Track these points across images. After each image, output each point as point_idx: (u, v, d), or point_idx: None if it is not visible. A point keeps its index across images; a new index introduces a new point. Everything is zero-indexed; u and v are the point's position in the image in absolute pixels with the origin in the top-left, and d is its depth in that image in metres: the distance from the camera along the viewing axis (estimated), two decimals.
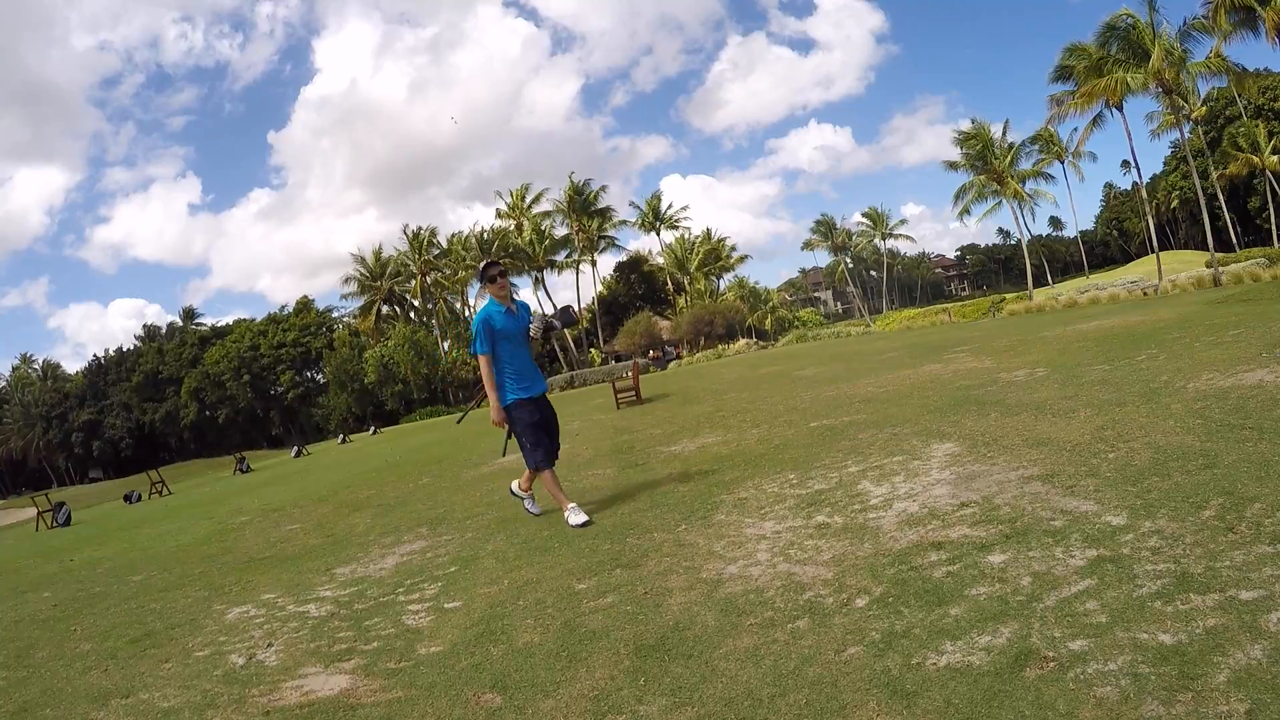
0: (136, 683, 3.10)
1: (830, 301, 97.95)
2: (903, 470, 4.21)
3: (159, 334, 64.79)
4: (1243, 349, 5.96)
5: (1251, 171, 46.01)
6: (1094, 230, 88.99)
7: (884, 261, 74.95)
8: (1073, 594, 2.21)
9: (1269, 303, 10.11)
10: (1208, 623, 1.89)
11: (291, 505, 8.52)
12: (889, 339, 23.12)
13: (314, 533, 6.21)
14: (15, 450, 65.68)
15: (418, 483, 8.27)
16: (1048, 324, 14.29)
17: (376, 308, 51.04)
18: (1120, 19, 26.46)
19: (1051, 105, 30.69)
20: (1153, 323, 9.83)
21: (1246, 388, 4.48)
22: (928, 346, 13.63)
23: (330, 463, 16.92)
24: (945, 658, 2.01)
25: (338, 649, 3.06)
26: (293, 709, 2.54)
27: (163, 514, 12.03)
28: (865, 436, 5.44)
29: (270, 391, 55.98)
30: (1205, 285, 23.23)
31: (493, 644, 2.77)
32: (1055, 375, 6.59)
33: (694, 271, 55.00)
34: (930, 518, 3.24)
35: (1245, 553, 2.23)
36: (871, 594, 2.53)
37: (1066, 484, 3.29)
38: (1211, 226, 29.70)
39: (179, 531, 8.34)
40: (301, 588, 4.26)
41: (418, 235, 49.45)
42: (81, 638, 4.03)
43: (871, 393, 7.98)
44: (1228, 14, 25.55)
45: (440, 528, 5.29)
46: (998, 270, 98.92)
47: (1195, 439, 3.59)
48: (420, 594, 3.67)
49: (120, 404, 61.21)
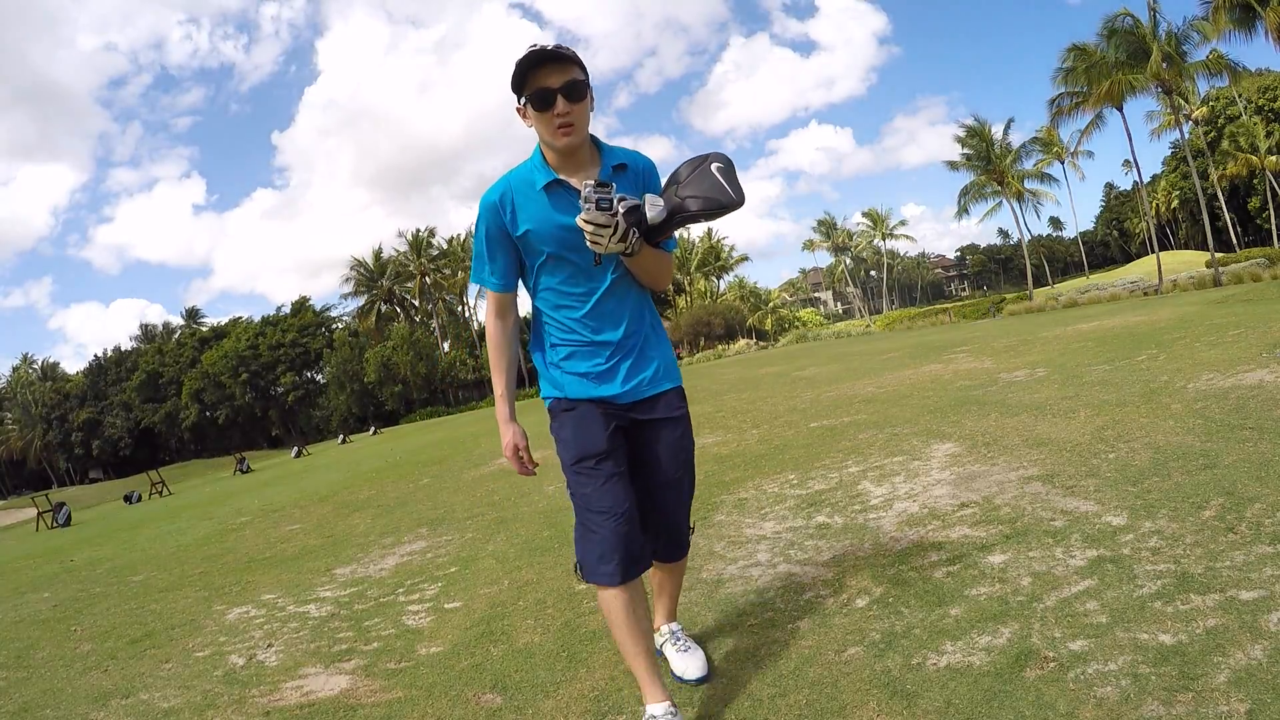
0: (136, 683, 3.10)
1: (830, 302, 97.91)
2: (903, 470, 4.21)
3: (156, 334, 64.79)
4: (1243, 349, 5.95)
5: (1251, 171, 46.00)
6: (1094, 230, 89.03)
7: (884, 262, 74.98)
8: (1073, 594, 2.21)
9: (1269, 303, 10.11)
10: (1208, 623, 1.89)
11: (292, 505, 8.52)
12: (889, 339, 23.12)
13: (314, 533, 6.21)
14: (15, 450, 65.70)
15: (418, 483, 8.27)
16: (1048, 324, 14.29)
17: (376, 308, 51.06)
18: (1120, 19, 26.48)
19: (1052, 108, 30.71)
20: (1153, 323, 9.83)
21: (1246, 388, 4.48)
22: (928, 347, 13.63)
23: (330, 463, 16.92)
24: (945, 658, 2.01)
25: (338, 649, 3.06)
26: (293, 709, 2.54)
27: (163, 514, 12.03)
28: (865, 437, 5.44)
29: (270, 392, 55.96)
30: (1205, 285, 23.26)
31: (493, 644, 2.77)
32: (1055, 375, 6.58)
33: (693, 271, 54.99)
34: (930, 518, 3.24)
35: (1245, 553, 2.23)
36: (871, 594, 2.53)
37: (1066, 484, 3.29)
38: (1211, 226, 29.72)
39: (179, 532, 8.34)
40: (301, 588, 4.26)
41: (417, 236, 49.45)
42: (81, 638, 4.03)
43: (872, 393, 7.98)
44: (1228, 13, 25.55)
45: (440, 528, 5.28)
46: (998, 270, 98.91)
47: (1195, 439, 3.58)
48: (420, 594, 3.67)
49: (120, 404, 61.20)
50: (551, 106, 1.76)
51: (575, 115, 1.78)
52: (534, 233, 1.86)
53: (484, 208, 1.89)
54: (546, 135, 1.80)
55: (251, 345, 55.23)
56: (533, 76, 1.75)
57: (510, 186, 1.88)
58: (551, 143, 1.80)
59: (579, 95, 1.78)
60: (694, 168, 1.84)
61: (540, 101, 1.76)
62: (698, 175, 1.81)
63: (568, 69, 1.76)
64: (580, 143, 1.82)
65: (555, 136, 1.78)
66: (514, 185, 1.88)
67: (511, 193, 1.87)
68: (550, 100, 1.75)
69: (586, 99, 1.80)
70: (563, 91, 1.75)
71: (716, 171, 1.80)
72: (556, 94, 1.75)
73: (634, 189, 1.90)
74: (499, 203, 1.87)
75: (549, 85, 1.74)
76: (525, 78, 1.76)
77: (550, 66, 1.75)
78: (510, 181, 1.89)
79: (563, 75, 1.75)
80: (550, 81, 1.74)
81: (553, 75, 1.74)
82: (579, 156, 1.86)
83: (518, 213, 1.86)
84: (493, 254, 1.91)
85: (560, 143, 1.79)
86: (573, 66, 1.76)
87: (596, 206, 1.69)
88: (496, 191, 1.88)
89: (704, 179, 1.80)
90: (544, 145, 1.85)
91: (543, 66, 1.75)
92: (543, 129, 1.80)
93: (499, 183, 1.90)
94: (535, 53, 1.72)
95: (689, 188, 1.81)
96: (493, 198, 1.88)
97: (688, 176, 1.83)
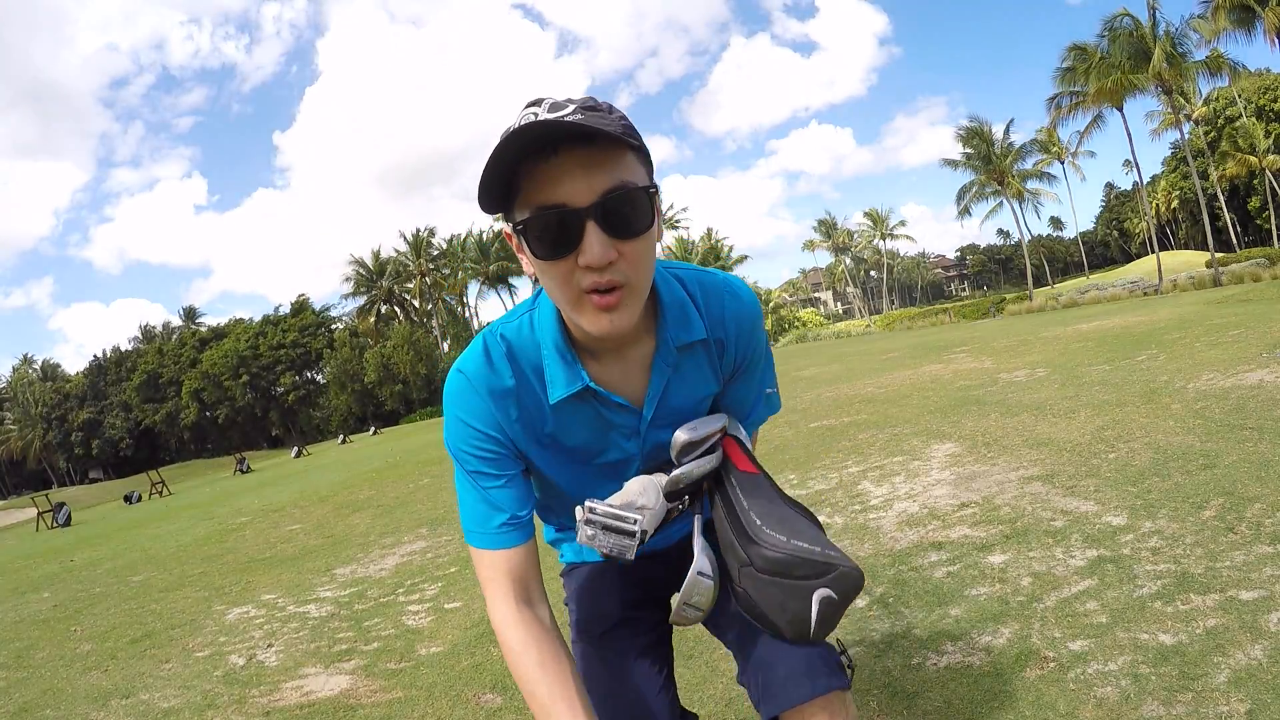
0: (136, 683, 3.10)
1: (830, 302, 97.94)
2: (903, 470, 4.21)
3: (155, 334, 64.84)
4: (1243, 349, 5.96)
5: (1251, 171, 46.00)
6: (1094, 230, 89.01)
7: (884, 262, 75.02)
8: (1073, 594, 2.21)
9: (1269, 303, 10.11)
10: (1208, 623, 1.89)
11: (292, 506, 8.52)
12: (889, 339, 23.13)
13: (314, 533, 6.21)
14: (15, 450, 65.72)
15: (418, 483, 8.27)
16: (1048, 324, 14.30)
17: (376, 308, 51.10)
18: (1120, 19, 26.50)
19: (1051, 108, 30.72)
20: (1153, 323, 9.83)
21: (1246, 388, 4.48)
22: (928, 347, 13.63)
23: (330, 463, 16.92)
24: (945, 658, 2.01)
25: (338, 649, 3.06)
26: (293, 709, 2.54)
27: (163, 514, 12.03)
28: (865, 437, 5.44)
29: (270, 392, 55.98)
30: (1205, 285, 23.26)
31: (493, 644, 2.77)
32: (1055, 375, 6.59)
33: None
34: (930, 518, 3.24)
35: (1245, 553, 2.23)
36: (871, 594, 2.53)
37: (1067, 484, 3.29)
38: (1211, 226, 29.74)
39: (179, 532, 8.34)
40: (301, 588, 4.26)
41: (417, 235, 49.49)
42: (81, 638, 4.03)
43: (872, 393, 7.99)
44: (1227, 14, 25.58)
45: (440, 528, 5.28)
46: (998, 270, 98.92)
47: (1195, 439, 3.58)
48: (420, 594, 3.67)
49: (120, 404, 61.23)
50: (573, 249, 0.81)
51: (628, 268, 0.83)
52: (540, 469, 1.04)
53: (458, 420, 0.97)
54: (567, 307, 0.87)
55: (252, 345, 55.27)
56: (532, 177, 0.80)
57: (504, 391, 0.96)
58: (576, 320, 0.88)
59: (635, 221, 0.82)
60: (790, 565, 0.93)
61: (549, 237, 0.81)
62: (790, 593, 0.94)
63: (609, 160, 0.80)
64: (634, 323, 0.88)
65: (585, 315, 0.85)
66: (509, 388, 0.96)
67: (508, 403, 0.97)
68: (571, 235, 0.80)
69: (652, 228, 0.84)
70: (600, 216, 0.80)
71: (818, 602, 0.94)
72: (585, 221, 0.79)
73: (703, 374, 1.03)
74: (483, 422, 0.96)
75: (567, 203, 0.79)
76: (516, 176, 0.81)
77: (572, 156, 0.79)
78: (500, 378, 0.96)
79: (600, 175, 0.80)
80: (570, 193, 0.79)
81: (576, 176, 0.79)
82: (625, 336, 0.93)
83: (517, 440, 0.99)
84: (491, 493, 0.98)
85: (598, 327, 0.85)
86: (621, 154, 0.82)
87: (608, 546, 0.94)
88: (479, 398, 0.96)
89: (792, 597, 0.94)
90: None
91: (555, 155, 0.79)
92: (558, 291, 0.86)
93: (479, 376, 0.96)
94: (536, 125, 0.76)
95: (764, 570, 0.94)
96: (472, 408, 0.96)
97: (773, 570, 0.94)
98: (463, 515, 1.01)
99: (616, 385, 0.98)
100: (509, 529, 0.98)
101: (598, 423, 1.00)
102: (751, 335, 1.05)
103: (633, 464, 1.05)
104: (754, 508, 0.98)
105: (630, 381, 0.99)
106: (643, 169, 0.85)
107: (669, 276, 0.98)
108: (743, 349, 1.04)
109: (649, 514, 0.96)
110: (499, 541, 0.97)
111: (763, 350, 1.09)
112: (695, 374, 1.02)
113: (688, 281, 0.99)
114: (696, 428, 1.01)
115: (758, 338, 1.06)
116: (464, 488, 1.00)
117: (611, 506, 0.94)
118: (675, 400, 1.01)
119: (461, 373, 0.97)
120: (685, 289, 0.99)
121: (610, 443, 1.02)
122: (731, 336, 1.02)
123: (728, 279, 1.03)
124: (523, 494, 1.00)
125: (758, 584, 0.96)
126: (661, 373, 0.98)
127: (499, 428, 0.97)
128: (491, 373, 0.96)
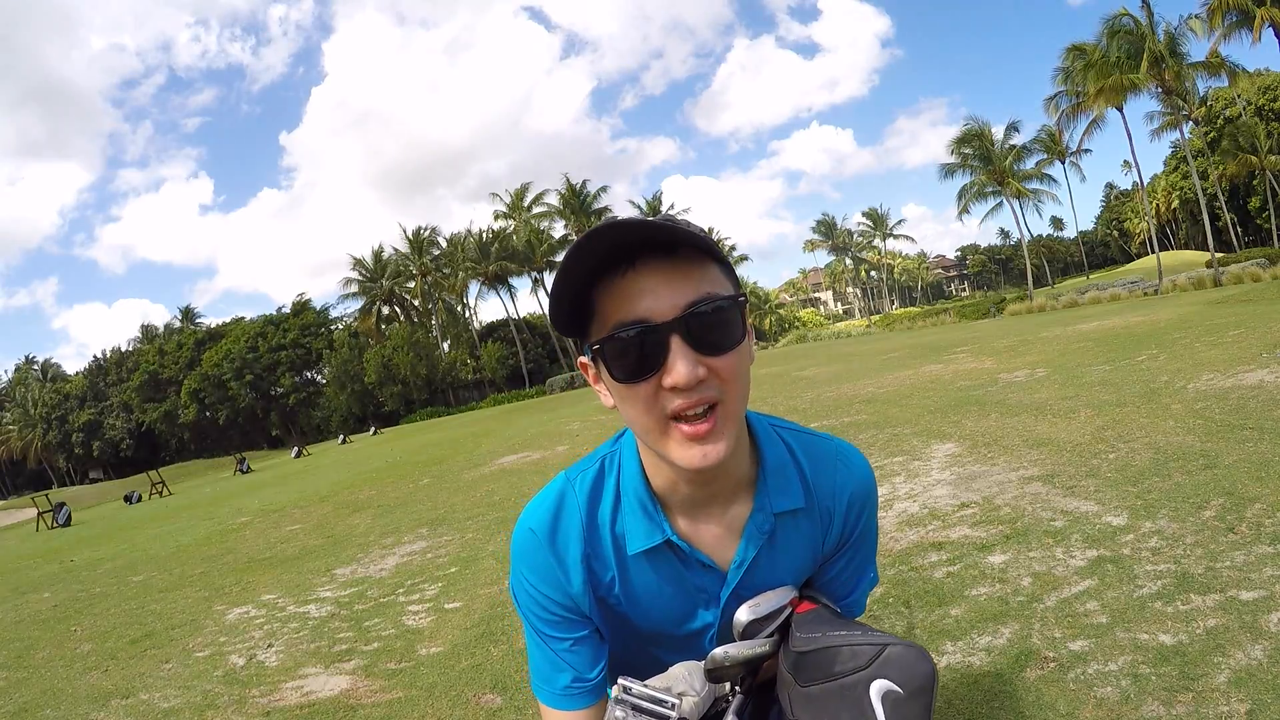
0: (136, 683, 3.09)
1: (831, 302, 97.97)
2: (903, 470, 4.21)
3: (156, 334, 64.87)
4: (1243, 349, 5.95)
5: (1251, 171, 46.00)
6: (1094, 230, 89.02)
7: (884, 262, 75.00)
8: (1073, 594, 2.21)
9: (1269, 303, 10.11)
10: (1208, 623, 1.89)
11: (292, 506, 8.52)
12: (889, 339, 23.13)
13: (314, 533, 6.21)
14: (15, 450, 65.74)
15: (418, 484, 8.27)
16: (1048, 324, 14.29)
17: (376, 308, 51.09)
18: (1119, 19, 26.50)
19: (1050, 108, 30.74)
20: (1153, 323, 9.83)
21: (1246, 388, 4.48)
22: (928, 347, 13.63)
23: (330, 463, 16.91)
24: (945, 658, 2.01)
25: (338, 650, 3.06)
26: (293, 709, 2.54)
27: (163, 514, 12.03)
28: (866, 437, 5.44)
29: (270, 392, 55.98)
30: (1205, 285, 23.24)
31: (493, 644, 2.77)
32: (1055, 376, 6.58)
33: None
34: (931, 518, 3.24)
35: (1245, 553, 2.23)
36: (871, 594, 2.53)
37: (1067, 484, 3.29)
38: (1211, 226, 29.75)
39: (179, 532, 8.34)
40: (302, 588, 4.26)
41: (417, 235, 49.49)
42: (81, 638, 4.03)
43: (872, 393, 7.99)
44: (1224, 14, 25.59)
45: (440, 528, 5.28)
46: (998, 271, 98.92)
47: (1195, 439, 3.58)
48: (420, 595, 3.67)
49: (120, 404, 61.25)
50: (657, 369, 0.73)
51: (721, 385, 0.75)
52: (607, 636, 0.94)
53: (524, 579, 0.91)
54: (652, 438, 0.78)
55: (252, 346, 55.29)
56: (608, 293, 0.74)
57: (575, 552, 0.88)
58: (663, 453, 0.78)
59: (724, 335, 0.75)
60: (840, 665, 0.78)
61: (629, 357, 0.74)
62: (843, 700, 0.76)
63: (692, 270, 0.74)
64: (728, 455, 0.77)
65: (673, 446, 0.76)
66: (581, 549, 0.88)
67: (579, 565, 0.88)
68: (654, 354, 0.73)
69: (743, 342, 0.77)
70: (685, 331, 0.72)
71: (882, 703, 0.74)
72: (669, 337, 0.72)
73: (800, 549, 0.92)
74: (549, 584, 0.89)
75: (649, 318, 0.72)
76: (590, 296, 0.75)
77: (651, 268, 0.73)
78: (570, 537, 0.89)
79: (683, 286, 0.73)
80: (651, 307, 0.72)
81: (658, 288, 0.72)
82: (722, 480, 0.86)
83: (584, 604, 0.90)
84: (558, 653, 0.91)
85: (689, 459, 0.76)
86: (704, 264, 0.75)
87: None
88: (546, 558, 0.89)
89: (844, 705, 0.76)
90: (644, 448, 0.87)
91: (633, 268, 0.73)
92: (640, 420, 0.77)
93: (547, 534, 0.89)
94: (607, 229, 0.70)
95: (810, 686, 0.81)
96: (539, 567, 0.90)
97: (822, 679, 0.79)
98: (530, 667, 0.95)
99: (703, 547, 0.89)
100: (575, 693, 0.90)
101: (677, 584, 0.90)
102: (863, 511, 0.94)
103: (708, 635, 0.93)
104: (799, 628, 0.86)
105: (720, 546, 0.89)
106: (727, 280, 0.77)
107: (775, 435, 0.91)
108: (850, 526, 0.94)
109: (691, 701, 0.85)
110: (564, 704, 0.91)
111: (872, 528, 0.97)
112: (792, 547, 0.91)
113: (793, 444, 0.91)
114: (759, 604, 0.87)
115: (869, 514, 0.96)
116: (532, 641, 0.94)
117: (649, 687, 0.84)
118: (763, 574, 0.90)
119: (532, 531, 0.90)
120: (790, 452, 0.91)
121: (690, 609, 0.92)
122: (840, 511, 0.93)
123: (839, 445, 0.95)
124: (592, 656, 0.91)
125: (808, 707, 0.80)
126: (754, 540, 0.88)
127: (565, 592, 0.89)
128: (562, 531, 0.88)
